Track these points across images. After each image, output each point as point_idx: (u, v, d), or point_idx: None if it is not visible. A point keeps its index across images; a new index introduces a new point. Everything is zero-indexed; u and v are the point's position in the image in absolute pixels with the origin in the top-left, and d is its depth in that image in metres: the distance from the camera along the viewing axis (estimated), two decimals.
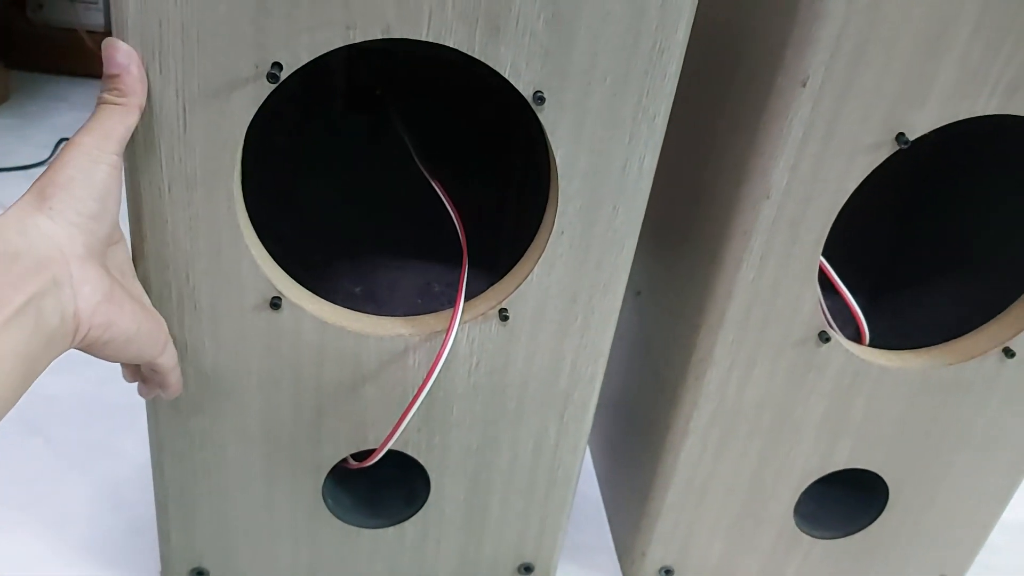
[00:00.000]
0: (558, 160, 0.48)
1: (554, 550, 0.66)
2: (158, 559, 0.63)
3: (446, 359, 0.53)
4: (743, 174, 0.51)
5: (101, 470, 0.74)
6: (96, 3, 1.53)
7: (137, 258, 0.48)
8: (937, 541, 0.69)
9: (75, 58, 1.55)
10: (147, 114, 0.43)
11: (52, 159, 0.41)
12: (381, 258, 0.79)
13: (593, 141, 0.47)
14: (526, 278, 0.52)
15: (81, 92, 1.56)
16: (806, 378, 0.58)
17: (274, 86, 0.42)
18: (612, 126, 0.47)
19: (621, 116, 0.47)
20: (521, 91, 0.45)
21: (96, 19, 1.54)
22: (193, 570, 0.62)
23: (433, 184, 0.61)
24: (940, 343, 0.61)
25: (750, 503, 0.65)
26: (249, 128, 0.44)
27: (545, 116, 0.46)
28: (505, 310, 0.53)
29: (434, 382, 0.53)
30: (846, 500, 0.68)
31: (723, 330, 0.56)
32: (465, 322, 0.53)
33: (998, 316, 0.60)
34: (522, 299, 0.53)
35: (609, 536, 0.74)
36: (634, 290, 0.71)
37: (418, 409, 0.53)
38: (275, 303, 0.50)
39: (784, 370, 0.58)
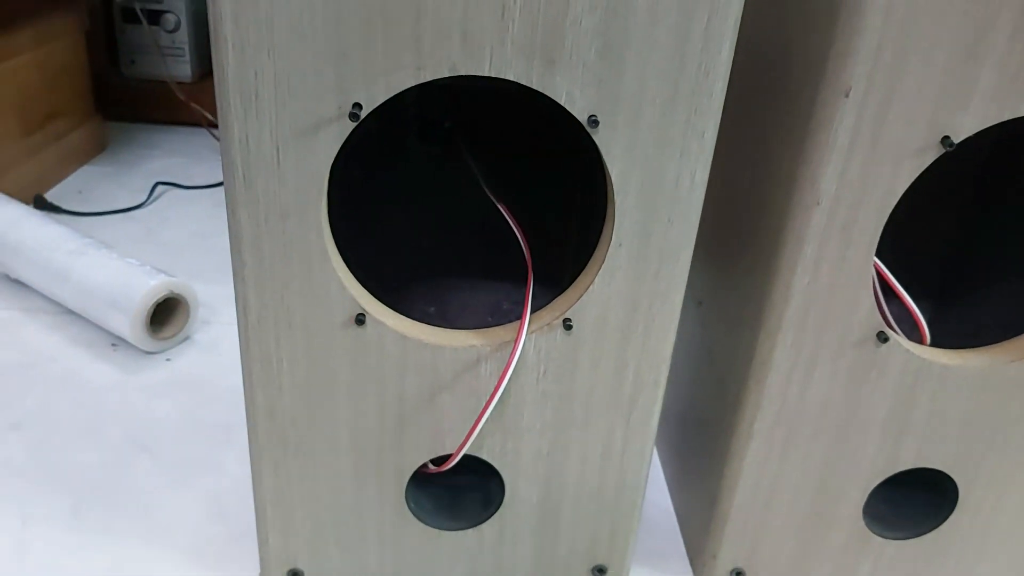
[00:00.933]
0: (613, 178, 0.51)
1: (626, 552, 0.69)
2: (257, 562, 0.68)
3: (515, 368, 0.57)
4: (793, 183, 0.54)
5: (203, 484, 0.80)
6: (184, 55, 1.65)
7: (237, 282, 0.54)
8: (1010, 539, 0.69)
9: (166, 107, 1.67)
10: (246, 154, 0.49)
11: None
12: (453, 280, 0.84)
13: (646, 159, 0.51)
14: (588, 289, 0.55)
15: (173, 139, 1.68)
16: (867, 378, 0.60)
17: (355, 124, 0.48)
18: (663, 144, 0.50)
19: (671, 134, 0.50)
20: (577, 116, 0.49)
21: (184, 71, 1.66)
22: (290, 571, 0.67)
23: (499, 207, 0.66)
24: (1002, 341, 0.61)
25: (818, 504, 0.66)
26: (334, 163, 0.49)
27: (600, 138, 0.50)
28: (569, 320, 0.56)
29: (504, 390, 0.57)
30: (916, 500, 0.69)
31: (782, 333, 0.58)
32: (531, 332, 0.57)
33: None
34: (584, 309, 0.56)
35: (681, 543, 0.76)
36: (695, 300, 0.74)
37: (490, 415, 0.57)
38: (360, 319, 0.55)
39: (845, 371, 0.59)
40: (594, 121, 0.49)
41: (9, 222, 1.08)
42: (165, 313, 0.99)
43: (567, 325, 0.56)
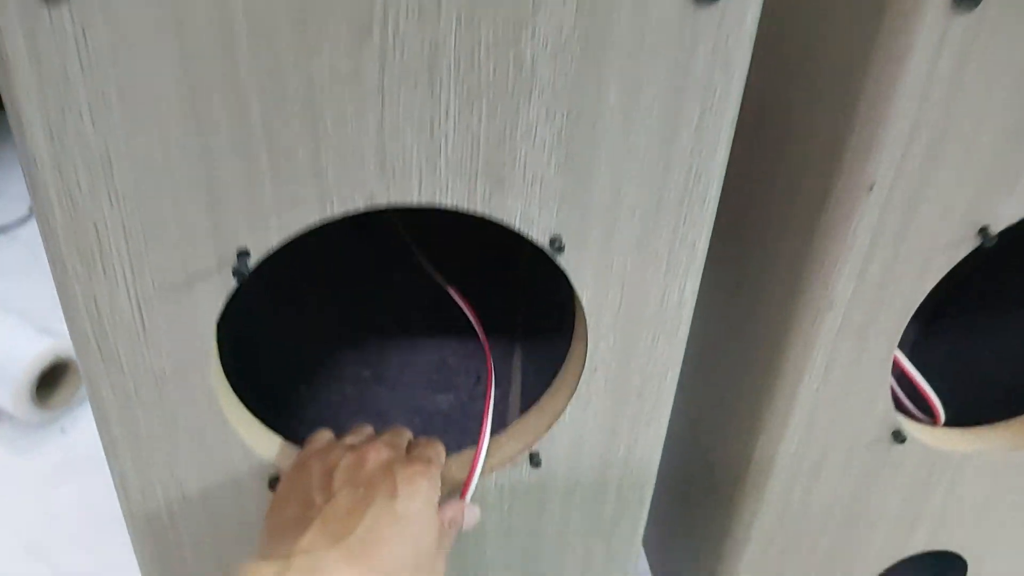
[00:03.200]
0: (584, 302, 0.41)
1: None
2: None
3: (472, 506, 0.47)
4: (800, 283, 0.44)
5: None
6: None
7: (110, 458, 0.42)
8: None
9: None
10: (96, 319, 0.36)
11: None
12: (390, 340, 0.73)
13: (624, 276, 0.40)
14: (558, 417, 0.45)
15: None
16: (879, 476, 0.52)
17: (241, 279, 0.35)
18: (645, 261, 0.40)
19: (654, 248, 0.39)
20: (535, 241, 0.38)
21: None
22: None
23: (450, 292, 0.54)
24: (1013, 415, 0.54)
25: None
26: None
27: (566, 262, 0.39)
28: (536, 455, 0.46)
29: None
30: (922, 572, 0.63)
31: (784, 442, 0.49)
32: (491, 469, 0.47)
33: None
34: (554, 440, 0.46)
35: None
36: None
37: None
38: (274, 483, 0.44)
39: (856, 471, 0.51)
40: (558, 246, 0.38)
41: None
42: (54, 376, 0.85)
43: (534, 460, 0.46)
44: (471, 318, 0.54)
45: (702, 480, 0.59)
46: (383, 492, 0.37)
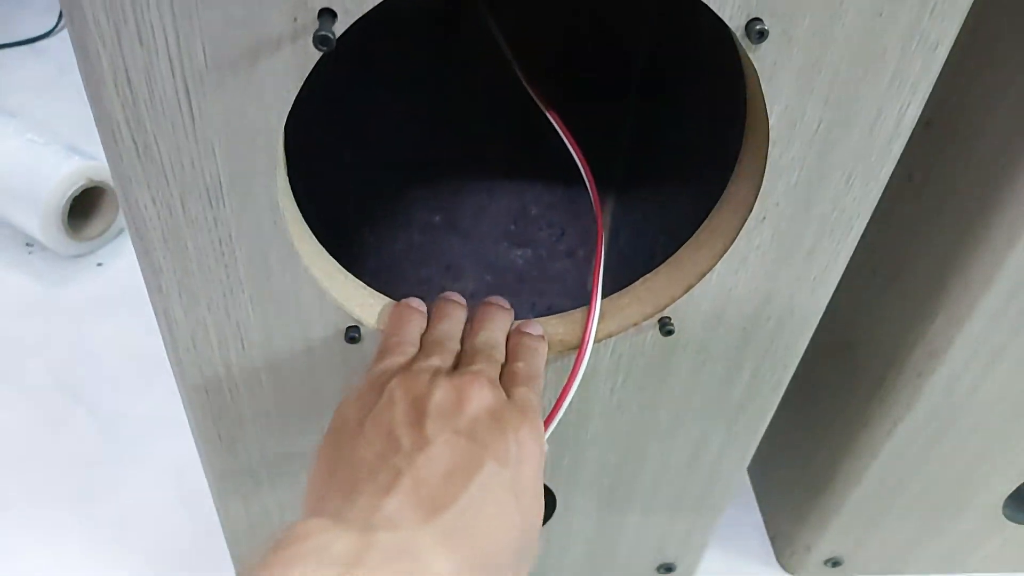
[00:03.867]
0: (773, 119, 0.30)
1: (700, 552, 0.55)
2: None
3: (580, 380, 0.38)
4: None
5: (160, 451, 0.63)
6: None
7: (152, 292, 0.34)
8: None
9: None
10: (131, 104, 0.27)
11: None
12: (465, 181, 0.63)
13: (833, 87, 0.30)
14: (702, 278, 0.36)
15: None
16: None
17: (325, 51, 0.25)
18: (867, 62, 0.29)
19: (883, 46, 0.29)
20: (726, 20, 0.27)
21: None
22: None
23: (549, 116, 0.44)
24: None
25: (954, 496, 0.52)
26: None
27: (762, 56, 0.28)
28: (668, 320, 0.37)
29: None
30: None
31: (971, 322, 0.40)
32: (607, 336, 0.38)
33: None
34: (693, 305, 0.37)
35: (757, 514, 0.62)
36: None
37: None
38: (352, 336, 0.35)
39: None
40: (759, 32, 0.27)
41: None
42: (88, 203, 0.77)
43: (666, 328, 0.37)
44: (572, 150, 0.43)
45: (835, 367, 0.51)
46: (492, 453, 0.28)
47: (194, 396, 0.38)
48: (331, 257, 0.35)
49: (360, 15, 0.26)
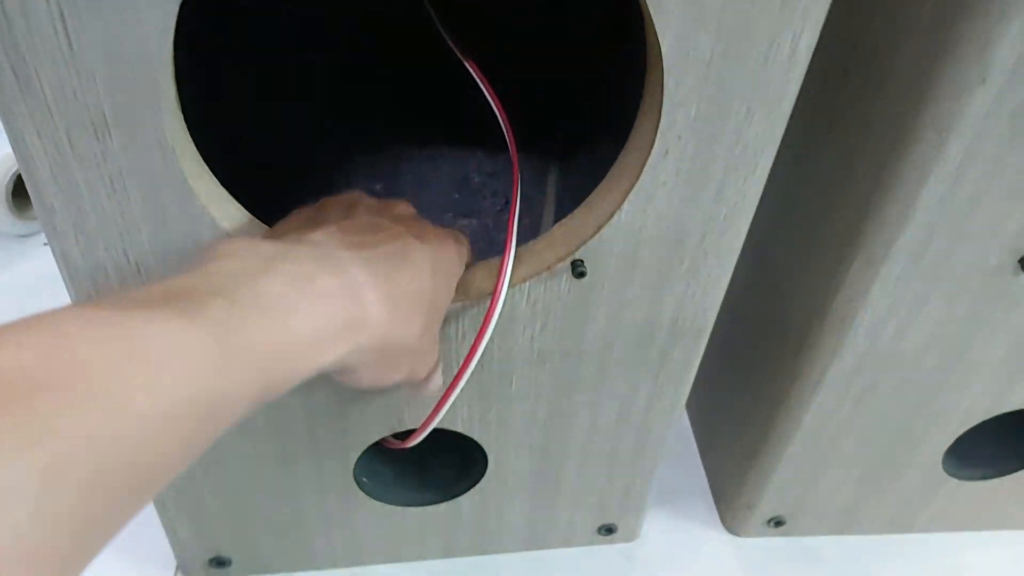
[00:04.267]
0: (664, 48, 0.30)
1: (640, 511, 0.55)
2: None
3: (498, 324, 0.38)
4: (945, 42, 0.33)
5: None
6: None
7: (51, 238, 0.33)
8: None
9: None
10: (9, 28, 0.27)
11: None
12: (405, 148, 0.63)
13: (723, 14, 0.29)
14: (611, 217, 0.36)
15: None
16: (992, 314, 0.43)
17: None
18: None
19: None
20: None
21: None
22: (212, 559, 0.52)
23: (467, 64, 0.44)
24: None
25: (893, 451, 0.52)
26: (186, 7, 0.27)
27: None
28: (580, 263, 0.37)
29: (483, 351, 0.39)
30: (1006, 437, 0.55)
31: (887, 264, 0.40)
32: (523, 281, 0.38)
33: None
34: (604, 246, 0.37)
35: (702, 475, 0.62)
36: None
37: (464, 386, 0.39)
38: None
39: (966, 306, 0.42)
40: None
41: None
42: None
43: (578, 272, 0.37)
44: (488, 96, 0.43)
45: (766, 318, 0.51)
46: (415, 233, 0.31)
47: None
48: (232, 198, 0.34)
49: None
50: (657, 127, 0.33)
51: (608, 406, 0.46)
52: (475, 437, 0.46)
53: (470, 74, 0.45)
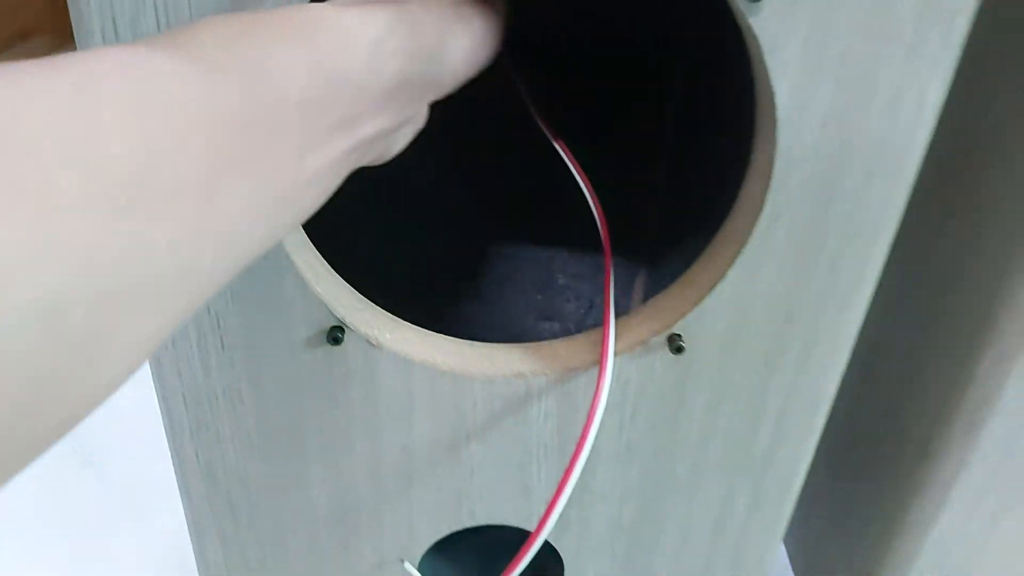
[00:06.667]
0: (779, 99, 0.29)
1: None
2: None
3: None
4: None
5: (161, 515, 0.60)
6: None
7: None
8: None
9: None
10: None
11: None
12: (488, 245, 0.62)
13: (844, 63, 0.28)
14: (713, 287, 0.33)
15: None
16: None
17: None
18: (879, 33, 0.27)
19: (896, 14, 0.27)
20: None
21: None
22: None
23: (556, 145, 0.43)
24: None
25: None
26: None
27: (761, 22, 0.27)
28: (678, 337, 0.34)
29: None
30: None
31: (1022, 359, 0.35)
32: (616, 355, 0.35)
33: None
34: (706, 320, 0.34)
35: None
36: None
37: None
38: (335, 336, 0.33)
39: None
40: None
41: None
42: None
43: (676, 346, 0.34)
44: (579, 178, 0.42)
45: (875, 425, 0.46)
46: None
47: (172, 403, 0.35)
48: (315, 249, 0.33)
49: None
50: (767, 188, 0.31)
51: (703, 515, 0.41)
52: (550, 539, 0.42)
53: (556, 168, 0.44)
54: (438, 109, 0.29)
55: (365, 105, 0.21)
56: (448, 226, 0.60)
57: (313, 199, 0.21)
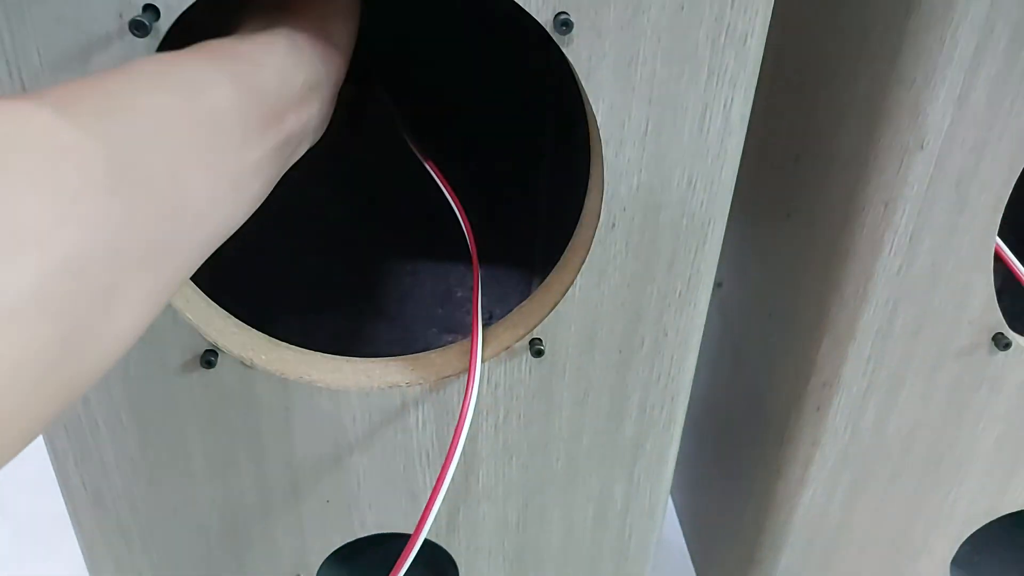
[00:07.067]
0: (600, 118, 0.31)
1: None
2: None
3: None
4: (880, 113, 0.34)
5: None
6: None
7: None
8: None
9: None
10: None
11: None
12: (387, 263, 0.64)
13: (652, 83, 0.31)
14: (565, 293, 0.36)
15: None
16: (974, 398, 0.41)
17: (144, 39, 0.27)
18: (680, 57, 0.30)
19: (693, 40, 0.30)
20: (534, 15, 0.29)
21: None
22: None
23: (426, 164, 0.45)
24: None
25: (894, 560, 0.48)
26: None
27: (575, 51, 0.30)
28: (538, 340, 0.37)
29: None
30: (1016, 543, 0.51)
31: (855, 343, 0.39)
32: (483, 360, 0.37)
33: None
34: (562, 323, 0.37)
35: None
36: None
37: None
38: (208, 360, 0.35)
39: (944, 390, 0.41)
40: (564, 22, 0.29)
41: None
42: None
43: (536, 349, 0.37)
44: (448, 196, 0.44)
45: (744, 412, 0.49)
46: None
47: (54, 433, 0.36)
48: (214, 304, 0.35)
49: (180, 11, 0.27)
50: (602, 198, 0.33)
51: (583, 507, 0.43)
52: (442, 544, 0.44)
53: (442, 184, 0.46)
54: (327, 133, 0.32)
55: (284, 106, 0.27)
56: (347, 246, 0.62)
57: (261, 185, 0.26)
